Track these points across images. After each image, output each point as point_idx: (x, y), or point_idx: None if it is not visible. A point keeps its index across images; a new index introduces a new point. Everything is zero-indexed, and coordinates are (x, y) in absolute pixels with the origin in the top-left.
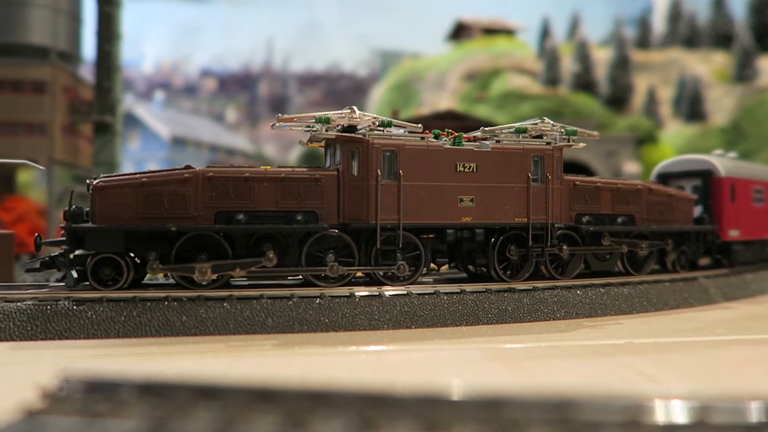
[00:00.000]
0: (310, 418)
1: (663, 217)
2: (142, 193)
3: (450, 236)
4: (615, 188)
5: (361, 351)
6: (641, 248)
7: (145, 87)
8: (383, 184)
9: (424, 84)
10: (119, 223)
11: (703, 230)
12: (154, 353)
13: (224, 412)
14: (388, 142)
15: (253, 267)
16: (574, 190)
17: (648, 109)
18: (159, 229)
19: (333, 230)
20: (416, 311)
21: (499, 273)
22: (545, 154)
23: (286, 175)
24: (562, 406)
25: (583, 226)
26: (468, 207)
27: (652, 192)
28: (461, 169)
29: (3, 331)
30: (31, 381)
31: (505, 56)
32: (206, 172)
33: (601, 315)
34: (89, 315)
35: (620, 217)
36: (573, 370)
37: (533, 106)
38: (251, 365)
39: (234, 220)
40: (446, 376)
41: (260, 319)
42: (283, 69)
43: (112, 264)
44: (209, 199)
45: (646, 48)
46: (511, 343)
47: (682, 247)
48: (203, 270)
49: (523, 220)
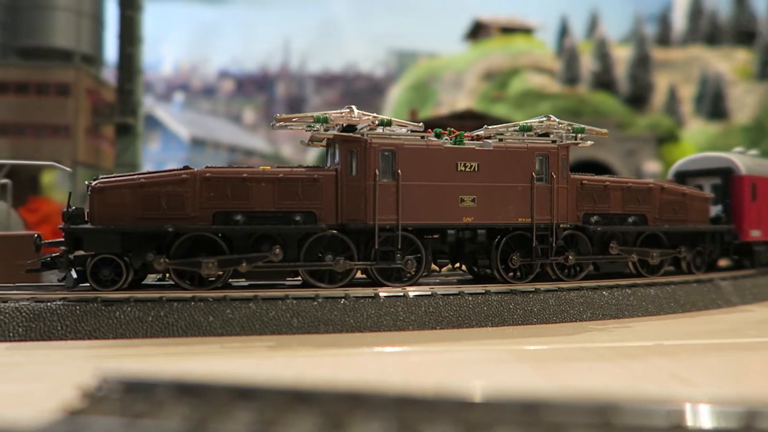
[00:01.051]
0: (348, 420)
1: (677, 217)
2: (140, 194)
3: (451, 237)
4: (625, 187)
5: (388, 352)
6: (652, 257)
7: (165, 89)
8: (381, 184)
9: (442, 84)
10: (118, 224)
11: (720, 230)
12: (182, 353)
13: (262, 413)
14: (387, 141)
15: (260, 262)
16: (582, 189)
17: (669, 108)
18: (156, 229)
19: (331, 231)
20: (441, 312)
21: (502, 274)
22: (550, 152)
23: (283, 176)
24: (604, 410)
25: (590, 226)
26: (469, 207)
27: (665, 191)
28: (462, 169)
29: (34, 331)
30: (67, 380)
31: (524, 55)
32: (204, 173)
33: (628, 316)
34: (117, 315)
35: (631, 217)
36: (604, 372)
37: (552, 105)
38: (280, 366)
39: (232, 221)
40: (477, 378)
41: (286, 320)
42: (300, 70)
43: (112, 265)
44: (207, 200)
45: (667, 45)
46: (538, 345)
47: (698, 248)
48: (209, 265)
49: (526, 221)
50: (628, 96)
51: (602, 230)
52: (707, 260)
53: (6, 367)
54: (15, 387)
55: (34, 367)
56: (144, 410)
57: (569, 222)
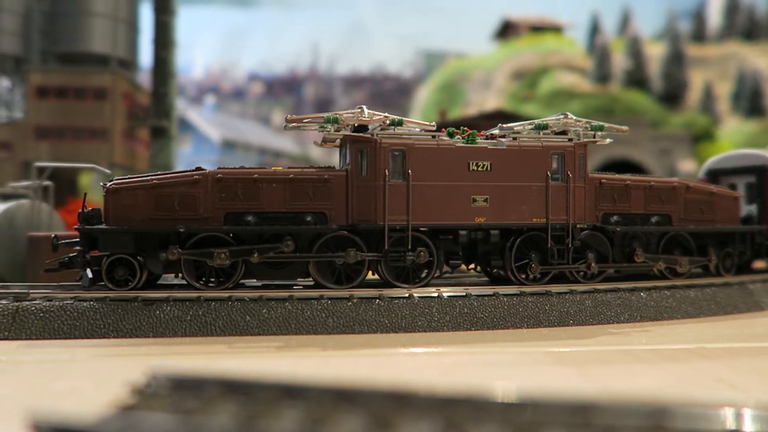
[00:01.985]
0: (395, 420)
1: (704, 217)
2: (154, 195)
3: (463, 237)
4: (647, 186)
5: (423, 352)
6: (680, 265)
7: (196, 92)
8: (391, 184)
9: (471, 84)
10: (132, 224)
11: (750, 230)
12: (220, 352)
13: (309, 412)
14: (397, 141)
15: (272, 252)
16: (600, 188)
17: (704, 106)
18: (168, 230)
19: (342, 231)
20: (475, 313)
21: (517, 275)
22: (566, 151)
23: (294, 176)
24: (656, 414)
25: (609, 226)
26: (482, 207)
27: (691, 190)
28: (474, 168)
29: (78, 329)
30: (113, 377)
31: (554, 54)
32: (215, 174)
33: (667, 318)
34: (157, 314)
35: (654, 217)
36: (647, 375)
37: (583, 104)
38: (317, 365)
39: (243, 221)
40: (517, 380)
41: (321, 320)
42: (328, 71)
43: (128, 265)
44: (219, 201)
45: (702, 42)
46: (576, 347)
47: (727, 249)
48: (221, 255)
49: (541, 221)
50: (662, 94)
51: (622, 230)
52: (737, 262)
53: (54, 364)
54: (64, 384)
55: (80, 364)
56: (193, 407)
57: (587, 222)
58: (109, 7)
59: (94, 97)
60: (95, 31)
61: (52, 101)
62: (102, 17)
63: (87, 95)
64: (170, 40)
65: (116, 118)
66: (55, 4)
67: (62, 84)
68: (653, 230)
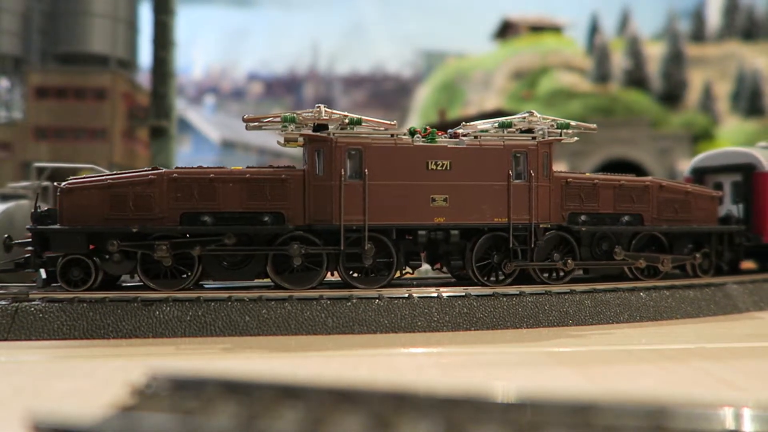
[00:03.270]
0: (395, 420)
1: (678, 217)
2: (108, 195)
3: (422, 238)
4: (617, 185)
5: (424, 353)
6: (663, 264)
7: (195, 92)
8: (348, 184)
9: (470, 83)
10: (87, 224)
11: (728, 230)
12: (219, 352)
13: (310, 412)
14: (353, 140)
15: (213, 245)
16: (567, 187)
17: (704, 105)
18: (121, 230)
19: (299, 231)
20: (475, 313)
21: (478, 276)
22: (529, 149)
23: (251, 176)
24: (657, 414)
25: (574, 226)
26: (441, 207)
27: (664, 189)
28: (433, 167)
29: (77, 330)
30: (113, 377)
31: (553, 53)
32: (171, 174)
33: (666, 318)
34: (157, 314)
35: (625, 217)
36: (648, 375)
37: (582, 103)
38: (318, 365)
39: (199, 222)
40: (517, 380)
41: (321, 320)
42: (328, 71)
43: (84, 265)
44: (174, 201)
45: (701, 42)
46: (576, 347)
47: (704, 250)
48: (162, 248)
49: (503, 221)
50: (662, 94)
51: (587, 230)
52: (715, 263)
53: (54, 365)
54: (64, 384)
55: (80, 364)
56: (194, 407)
57: (552, 222)
58: (108, 7)
59: (94, 98)
60: (95, 31)
61: (51, 101)
62: (101, 17)
63: (86, 95)
64: (170, 40)
65: (116, 118)
66: (54, 4)
67: (62, 84)
68: (622, 230)
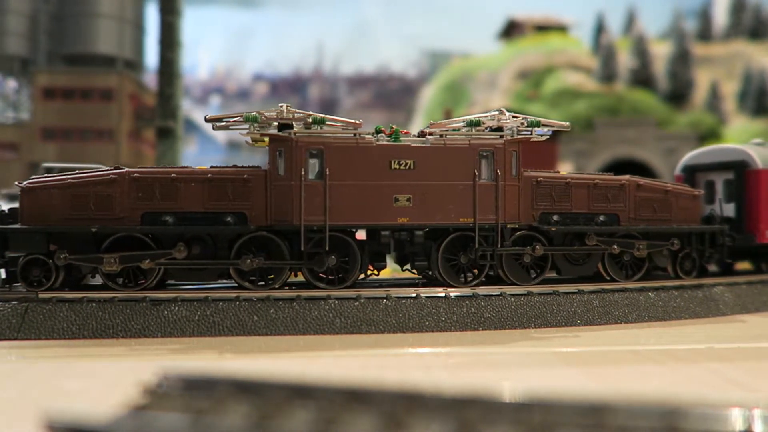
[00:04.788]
0: (407, 420)
1: (657, 216)
2: (69, 195)
3: (385, 238)
4: (591, 184)
5: (432, 353)
6: (638, 249)
7: (201, 92)
8: (308, 184)
9: (475, 83)
10: (47, 224)
11: (709, 230)
12: (228, 352)
13: (321, 412)
14: (314, 139)
15: (163, 259)
16: (538, 187)
17: (711, 105)
18: (80, 230)
19: (261, 232)
20: (483, 313)
21: (444, 277)
22: (496, 148)
23: (212, 176)
24: (670, 415)
25: (544, 226)
26: (404, 207)
27: (642, 188)
28: (396, 167)
29: (87, 329)
30: (122, 377)
31: (559, 53)
32: (131, 173)
33: (675, 318)
34: (165, 314)
35: (600, 216)
36: (658, 376)
37: (588, 103)
38: (327, 366)
39: (160, 222)
40: (527, 380)
41: (329, 320)
42: (333, 72)
43: (45, 266)
44: (135, 201)
45: (708, 41)
46: (585, 347)
47: (686, 250)
48: (111, 261)
49: (469, 221)
50: (668, 93)
51: (557, 230)
52: (698, 264)
53: (63, 365)
54: (74, 384)
55: (90, 363)
56: (205, 407)
57: (522, 222)
58: (115, 9)
59: (101, 98)
60: (101, 33)
61: (58, 102)
62: (108, 18)
63: (93, 96)
64: (176, 40)
65: (122, 119)
66: (61, 5)
67: (69, 85)
68: (596, 230)
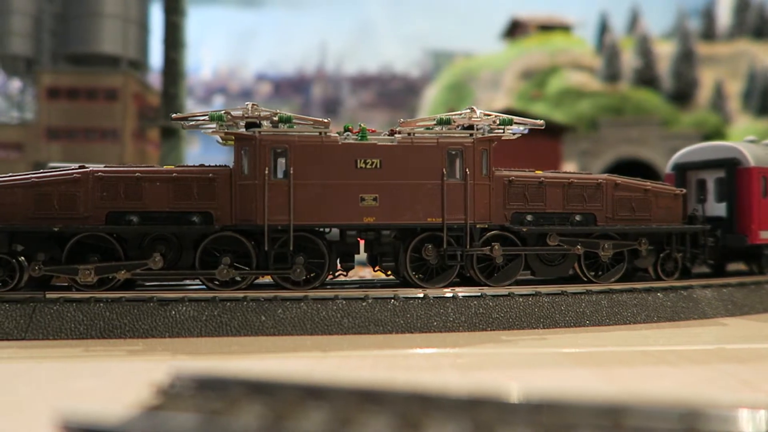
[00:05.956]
0: (422, 421)
1: (636, 216)
2: (33, 194)
3: (350, 238)
4: (567, 183)
5: (440, 353)
6: (603, 249)
7: (204, 92)
8: (272, 183)
9: (479, 83)
10: (10, 223)
11: (690, 231)
12: (235, 352)
13: (335, 413)
14: (279, 138)
15: (139, 269)
16: (510, 186)
17: (715, 104)
18: (42, 229)
19: (226, 232)
20: (491, 313)
21: (412, 277)
22: (465, 146)
23: (177, 175)
24: (688, 416)
25: (515, 226)
26: (371, 206)
27: (619, 187)
28: (362, 166)
29: (94, 329)
30: (130, 376)
31: (562, 53)
32: (96, 172)
33: (684, 319)
34: (173, 314)
35: (576, 216)
36: (670, 377)
37: (592, 102)
38: (335, 366)
39: (125, 221)
40: (539, 381)
41: (336, 320)
42: (336, 71)
43: (8, 265)
44: (100, 200)
45: (712, 40)
46: (595, 347)
47: (667, 251)
48: (86, 272)
49: (437, 221)
50: (672, 93)
51: (529, 230)
52: (680, 265)
53: (71, 365)
54: (82, 383)
55: (97, 364)
56: (219, 408)
57: (492, 222)
58: (119, 8)
59: (105, 98)
60: (106, 32)
61: (63, 102)
62: (112, 18)
63: (98, 96)
64: (180, 40)
65: (127, 119)
66: (65, 5)
67: (73, 85)
68: (570, 230)
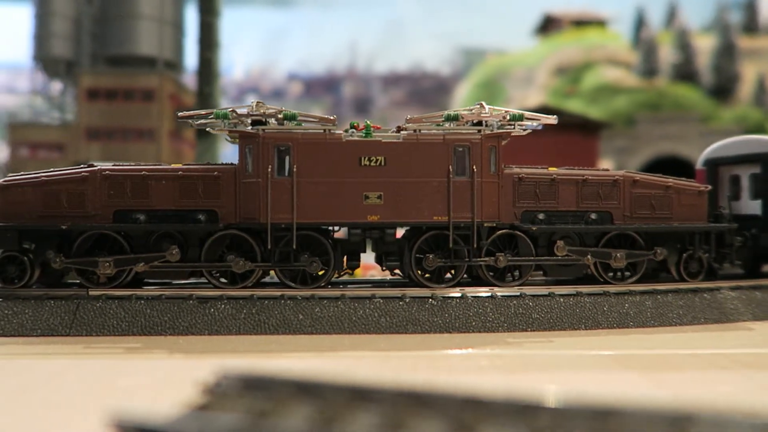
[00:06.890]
0: (475, 425)
1: (656, 214)
2: (42, 192)
3: (354, 237)
4: (581, 180)
5: (480, 354)
6: (615, 258)
7: (237, 92)
8: (275, 181)
9: (511, 80)
10: (21, 221)
11: (715, 230)
12: (274, 351)
13: (386, 416)
14: (282, 135)
15: (157, 262)
16: (520, 184)
17: (757, 99)
18: (51, 227)
19: (231, 230)
20: (531, 313)
21: (418, 277)
22: (472, 143)
23: (183, 173)
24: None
25: (526, 225)
26: (375, 204)
27: (638, 184)
28: (366, 163)
29: (136, 326)
30: (173, 374)
31: (598, 48)
32: (103, 171)
33: (733, 321)
34: (212, 312)
35: (592, 215)
36: (726, 383)
37: (629, 99)
38: (374, 366)
39: (132, 219)
40: (585, 385)
41: (374, 319)
42: (366, 70)
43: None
44: (107, 198)
45: (754, 33)
46: (640, 350)
47: (690, 251)
48: (105, 264)
49: (443, 219)
50: (712, 88)
51: (539, 230)
52: (706, 266)
53: (115, 362)
54: (127, 381)
55: (141, 361)
56: (266, 408)
57: (501, 221)
58: (155, 10)
59: (142, 99)
60: (142, 34)
61: (102, 103)
62: (149, 20)
63: (135, 96)
64: (215, 41)
65: (163, 119)
66: (104, 8)
67: (111, 86)
68: (583, 230)
